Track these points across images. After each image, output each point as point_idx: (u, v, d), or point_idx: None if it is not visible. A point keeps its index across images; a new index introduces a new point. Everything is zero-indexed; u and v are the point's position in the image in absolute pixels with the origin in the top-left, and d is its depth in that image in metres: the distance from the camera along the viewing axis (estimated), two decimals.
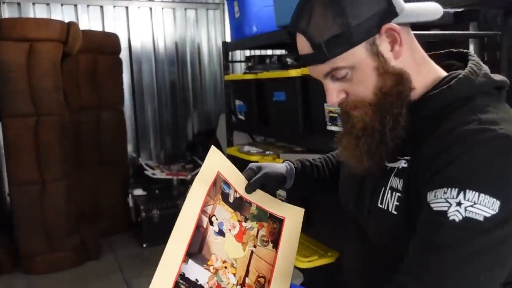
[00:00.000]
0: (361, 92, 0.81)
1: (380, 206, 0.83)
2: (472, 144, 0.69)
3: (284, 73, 2.19)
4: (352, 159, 0.85)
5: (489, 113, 0.75)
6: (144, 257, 3.43)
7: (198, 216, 0.90)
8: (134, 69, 4.32)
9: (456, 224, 0.65)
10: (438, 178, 0.70)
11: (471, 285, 0.65)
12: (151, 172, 3.96)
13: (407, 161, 0.80)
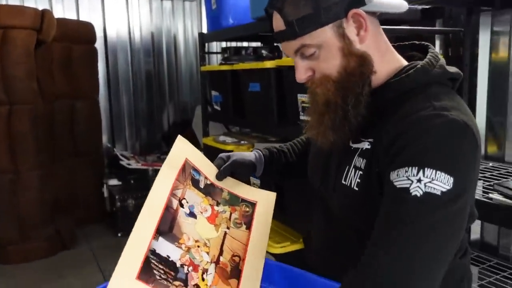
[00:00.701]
0: (326, 70, 0.87)
1: (344, 182, 0.90)
2: (427, 128, 0.76)
3: (259, 65, 2.24)
4: (318, 135, 0.91)
5: (442, 100, 0.82)
6: (119, 247, 3.35)
7: (167, 197, 0.93)
8: (109, 58, 4.29)
9: (418, 199, 0.71)
10: (399, 159, 0.76)
11: (433, 254, 0.71)
12: (126, 162, 3.95)
13: (370, 143, 0.87)
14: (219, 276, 0.93)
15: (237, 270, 0.95)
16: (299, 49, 0.87)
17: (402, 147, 0.76)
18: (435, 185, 0.71)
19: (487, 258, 1.94)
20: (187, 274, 0.88)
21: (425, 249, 0.71)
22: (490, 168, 1.82)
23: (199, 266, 0.90)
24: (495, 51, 1.95)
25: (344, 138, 0.89)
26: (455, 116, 0.78)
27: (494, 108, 1.97)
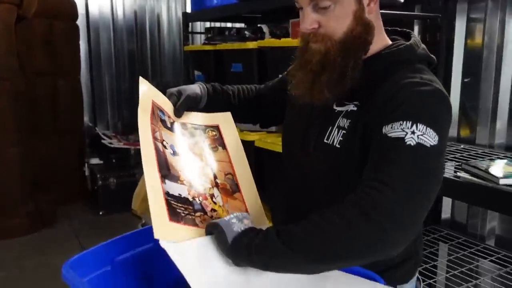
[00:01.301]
0: (334, 28, 0.90)
1: (326, 141, 0.95)
2: (418, 91, 0.85)
3: (242, 45, 2.27)
4: (307, 92, 0.94)
5: (426, 74, 0.91)
6: (101, 225, 3.48)
7: (153, 142, 0.96)
8: (91, 37, 4.24)
9: (411, 147, 0.78)
10: (393, 115, 0.83)
11: (427, 194, 0.77)
12: (108, 141, 3.96)
13: (356, 105, 0.93)
14: (225, 195, 1.00)
15: (235, 185, 1.03)
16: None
17: (395, 105, 0.84)
18: (426, 139, 0.79)
19: (457, 236, 2.03)
20: (201, 204, 0.94)
21: (422, 189, 0.77)
22: (461, 150, 1.90)
23: (205, 194, 0.97)
24: (470, 37, 2.01)
25: (340, 96, 0.93)
26: (438, 87, 0.87)
27: (467, 93, 2.04)
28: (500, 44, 1.89)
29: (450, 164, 1.67)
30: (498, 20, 1.89)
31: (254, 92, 1.28)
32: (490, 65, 1.94)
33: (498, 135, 1.93)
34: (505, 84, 1.89)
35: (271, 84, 1.28)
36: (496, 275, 1.77)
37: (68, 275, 0.86)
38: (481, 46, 1.97)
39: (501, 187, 1.29)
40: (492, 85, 1.94)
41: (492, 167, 1.42)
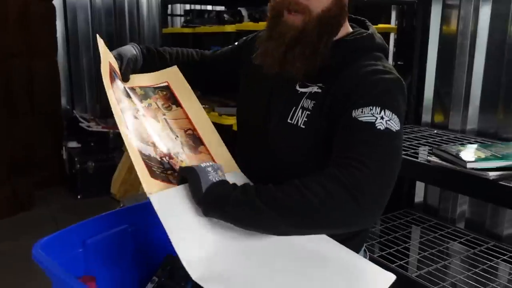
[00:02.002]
0: (316, 1, 0.92)
1: (290, 121, 0.97)
2: (382, 78, 0.90)
3: (220, 28, 2.26)
4: (276, 63, 0.96)
5: (386, 63, 0.97)
6: (79, 208, 3.46)
7: (119, 106, 0.96)
8: (68, 17, 4.14)
9: (381, 131, 0.84)
10: (362, 100, 0.87)
11: (394, 172, 0.83)
12: (86, 124, 3.90)
13: (320, 88, 0.96)
14: (190, 150, 1.00)
15: (197, 139, 1.03)
16: None
17: (364, 91, 0.89)
18: (392, 124, 0.85)
19: (429, 219, 2.09)
20: (169, 163, 0.95)
21: (391, 169, 0.83)
22: (434, 135, 1.94)
23: (171, 153, 0.97)
24: (446, 23, 2.04)
25: (311, 69, 0.95)
26: (398, 75, 0.93)
27: (441, 79, 2.07)
28: (474, 31, 1.92)
29: (423, 149, 1.70)
30: (472, 7, 1.92)
31: (196, 56, 1.27)
32: (464, 51, 1.97)
33: (470, 120, 1.98)
34: (477, 70, 1.92)
35: (221, 51, 1.27)
36: (464, 256, 1.83)
37: (38, 256, 0.86)
38: (455, 32, 2.00)
39: (469, 170, 1.33)
40: (466, 71, 1.97)
41: (462, 151, 1.45)
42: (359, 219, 0.79)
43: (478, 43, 1.91)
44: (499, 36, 1.84)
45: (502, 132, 1.86)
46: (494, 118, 1.89)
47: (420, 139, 1.85)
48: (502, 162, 1.33)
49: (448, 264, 1.83)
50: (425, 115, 2.17)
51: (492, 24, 1.86)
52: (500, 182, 1.27)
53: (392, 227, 2.03)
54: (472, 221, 2.02)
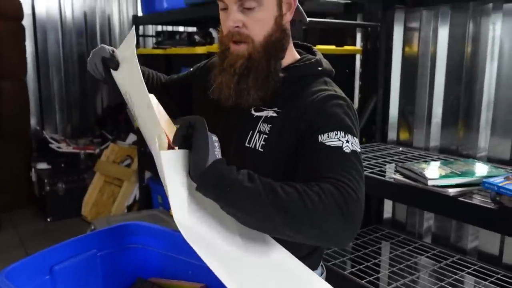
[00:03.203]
0: (257, 29, 0.97)
1: (248, 145, 1.00)
2: (340, 104, 0.96)
3: (191, 50, 2.29)
4: (231, 96, 0.99)
5: (336, 87, 1.02)
6: (49, 231, 3.38)
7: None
8: (38, 37, 4.11)
9: (349, 154, 0.90)
10: (327, 126, 0.93)
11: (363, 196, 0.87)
12: (56, 145, 3.85)
13: (276, 112, 1.00)
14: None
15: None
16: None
17: (326, 117, 0.94)
18: (356, 146, 0.92)
19: (397, 234, 2.14)
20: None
21: (363, 187, 0.89)
22: (400, 152, 2.01)
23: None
24: (408, 45, 2.13)
25: (265, 97, 0.99)
26: (348, 99, 0.99)
27: (405, 98, 2.16)
28: (434, 52, 2.02)
29: (389, 167, 1.76)
30: (431, 30, 2.02)
31: (163, 80, 1.30)
32: (425, 71, 2.06)
33: (433, 138, 2.06)
34: (438, 90, 2.01)
35: (178, 76, 1.30)
36: (431, 270, 1.88)
37: (3, 285, 0.85)
38: (417, 53, 2.09)
39: (430, 187, 1.38)
40: (427, 90, 2.06)
41: (425, 169, 1.51)
42: (344, 236, 0.83)
43: (438, 64, 2.00)
44: (457, 57, 1.93)
45: (462, 149, 1.94)
46: (455, 136, 1.97)
47: (386, 156, 1.91)
48: (461, 179, 1.39)
49: (416, 278, 1.88)
50: (391, 133, 2.24)
51: (450, 46, 1.96)
52: (460, 198, 1.32)
53: (362, 244, 2.07)
54: (438, 235, 2.09)
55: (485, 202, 1.27)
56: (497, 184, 1.23)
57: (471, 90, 1.89)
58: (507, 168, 1.64)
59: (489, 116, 1.84)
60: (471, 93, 1.89)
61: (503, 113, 1.80)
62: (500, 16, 1.77)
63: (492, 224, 1.26)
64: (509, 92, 1.77)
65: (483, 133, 1.87)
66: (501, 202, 1.22)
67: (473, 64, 1.88)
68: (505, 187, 1.22)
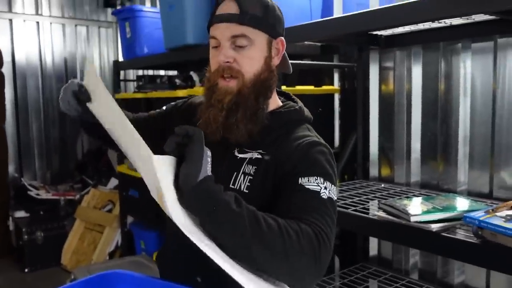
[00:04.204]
0: (247, 66, 1.01)
1: (232, 187, 1.03)
2: (323, 150, 1.02)
3: (172, 93, 2.31)
4: (219, 130, 1.02)
5: (316, 134, 1.09)
6: (26, 283, 3.25)
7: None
8: (18, 84, 4.10)
9: (325, 200, 0.95)
10: (308, 171, 0.98)
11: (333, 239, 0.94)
12: (35, 192, 3.77)
13: (261, 154, 1.03)
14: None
15: None
16: (237, 36, 1.00)
17: (308, 163, 0.99)
18: (332, 194, 0.97)
19: (384, 272, 2.12)
20: None
21: (334, 234, 0.94)
22: (382, 189, 2.02)
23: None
24: (384, 84, 2.19)
25: (252, 131, 1.02)
26: (329, 148, 1.05)
27: (384, 135, 2.20)
28: (409, 90, 2.08)
29: (372, 204, 1.76)
30: (405, 69, 2.09)
31: (143, 119, 1.33)
32: (402, 109, 2.11)
33: (413, 173, 2.08)
34: (415, 127, 2.06)
35: (156, 113, 1.32)
36: None
37: None
38: (393, 92, 2.15)
39: (413, 224, 1.39)
40: (405, 127, 2.10)
41: (407, 205, 1.52)
42: (311, 279, 0.88)
43: (414, 101, 2.06)
44: (432, 94, 1.99)
45: (443, 183, 1.97)
46: (435, 171, 2.00)
47: (369, 193, 1.92)
48: (443, 214, 1.40)
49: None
50: (372, 170, 2.26)
51: (425, 84, 2.02)
52: (443, 234, 1.33)
53: (349, 283, 2.04)
54: (424, 271, 2.07)
55: (467, 237, 1.28)
56: (478, 218, 1.25)
57: (447, 126, 1.94)
58: (487, 201, 1.67)
59: (466, 150, 1.88)
60: (447, 128, 1.94)
61: (479, 148, 1.84)
62: (469, 55, 1.85)
63: (476, 258, 1.26)
64: (483, 127, 1.82)
65: (462, 168, 1.90)
66: (483, 236, 1.23)
67: (447, 100, 1.94)
68: (486, 221, 1.23)
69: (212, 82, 1.04)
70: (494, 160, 1.79)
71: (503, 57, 1.74)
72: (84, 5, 4.47)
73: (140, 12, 2.93)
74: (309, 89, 2.23)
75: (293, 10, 1.98)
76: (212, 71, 1.05)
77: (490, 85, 1.79)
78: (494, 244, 1.19)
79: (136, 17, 2.92)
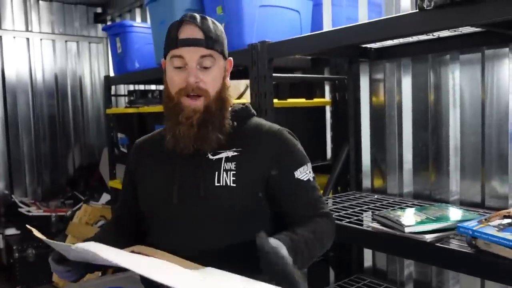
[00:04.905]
0: (212, 85, 1.16)
1: (218, 184, 1.14)
2: (292, 137, 1.25)
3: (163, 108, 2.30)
4: (191, 144, 1.14)
5: (267, 121, 1.31)
6: None
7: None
8: (8, 100, 4.08)
9: (313, 183, 1.22)
10: (294, 162, 1.20)
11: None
12: (26, 209, 3.73)
13: (237, 151, 1.18)
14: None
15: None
16: (204, 56, 1.14)
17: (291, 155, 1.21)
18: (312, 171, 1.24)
19: (378, 283, 2.12)
20: None
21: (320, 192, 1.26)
22: (375, 200, 2.03)
23: None
24: (374, 95, 2.21)
25: (220, 142, 1.16)
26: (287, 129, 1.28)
27: (376, 146, 2.21)
28: (399, 101, 2.10)
29: (366, 215, 1.77)
30: (395, 80, 2.11)
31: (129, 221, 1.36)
32: (393, 120, 2.13)
33: (406, 184, 2.09)
34: (407, 137, 2.07)
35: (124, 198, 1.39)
36: None
37: None
38: (384, 103, 2.17)
39: (407, 235, 1.39)
40: (396, 138, 2.12)
41: (401, 216, 1.52)
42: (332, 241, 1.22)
43: (405, 112, 2.08)
44: (422, 105, 2.01)
45: (435, 193, 1.98)
46: (427, 181, 2.01)
47: (363, 205, 1.93)
48: (436, 225, 1.41)
49: None
50: (365, 181, 2.27)
51: (415, 95, 2.04)
52: (437, 244, 1.33)
53: None
54: (419, 282, 2.07)
55: (461, 247, 1.29)
56: (471, 228, 1.25)
57: (438, 136, 1.96)
58: (480, 211, 1.68)
59: (458, 160, 1.90)
60: (438, 139, 1.96)
61: (470, 157, 1.86)
62: (458, 66, 1.88)
63: (470, 268, 1.26)
64: (473, 136, 1.84)
65: (454, 177, 1.91)
66: (477, 246, 1.23)
67: (437, 111, 1.96)
68: (480, 230, 1.24)
69: (176, 100, 1.15)
70: (485, 170, 1.81)
71: (491, 67, 1.77)
72: (74, 21, 4.48)
73: (131, 28, 2.94)
74: (301, 102, 2.25)
75: (284, 25, 2.00)
76: (176, 90, 1.15)
77: (479, 95, 1.82)
78: (488, 253, 1.20)
79: (127, 32, 2.92)
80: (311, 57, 2.27)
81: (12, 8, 4.12)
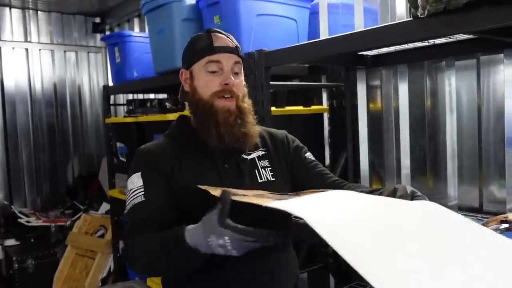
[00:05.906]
0: (240, 88, 1.26)
1: (261, 180, 1.25)
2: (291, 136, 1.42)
3: (162, 117, 2.32)
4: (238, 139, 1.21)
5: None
6: None
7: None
8: (6, 110, 4.10)
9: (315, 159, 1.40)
10: (303, 149, 1.38)
11: None
12: (25, 220, 3.73)
13: (264, 151, 1.31)
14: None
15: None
16: (236, 62, 1.25)
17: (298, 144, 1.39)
18: None
19: None
20: None
21: None
22: None
23: None
24: (371, 102, 2.22)
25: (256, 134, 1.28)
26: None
27: (374, 152, 2.22)
28: (396, 107, 2.11)
29: None
30: (392, 87, 2.13)
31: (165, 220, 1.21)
32: (390, 126, 2.14)
33: None
34: (404, 143, 2.08)
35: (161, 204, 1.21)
36: None
37: None
38: (381, 109, 2.18)
39: None
40: (394, 144, 2.13)
41: None
42: None
43: (402, 118, 2.09)
44: (419, 111, 2.03)
45: (434, 198, 1.98)
46: (425, 186, 2.02)
47: None
48: None
49: None
50: None
51: (411, 101, 2.06)
52: None
53: None
54: None
55: None
56: None
57: (435, 142, 1.97)
58: (478, 215, 1.69)
59: (455, 165, 1.91)
60: (435, 144, 1.97)
61: (468, 162, 1.87)
62: (453, 72, 1.89)
63: None
64: (470, 141, 1.85)
65: (452, 182, 1.92)
66: None
67: (434, 116, 1.97)
68: None
69: (210, 102, 1.21)
70: (483, 174, 1.82)
71: (486, 73, 1.79)
72: (73, 31, 4.51)
73: (129, 37, 2.96)
74: (298, 109, 2.26)
75: (281, 33, 2.02)
76: (211, 93, 1.21)
77: (475, 101, 1.84)
78: None
79: (126, 42, 2.94)
80: (308, 65, 2.28)
81: (11, 19, 4.15)
